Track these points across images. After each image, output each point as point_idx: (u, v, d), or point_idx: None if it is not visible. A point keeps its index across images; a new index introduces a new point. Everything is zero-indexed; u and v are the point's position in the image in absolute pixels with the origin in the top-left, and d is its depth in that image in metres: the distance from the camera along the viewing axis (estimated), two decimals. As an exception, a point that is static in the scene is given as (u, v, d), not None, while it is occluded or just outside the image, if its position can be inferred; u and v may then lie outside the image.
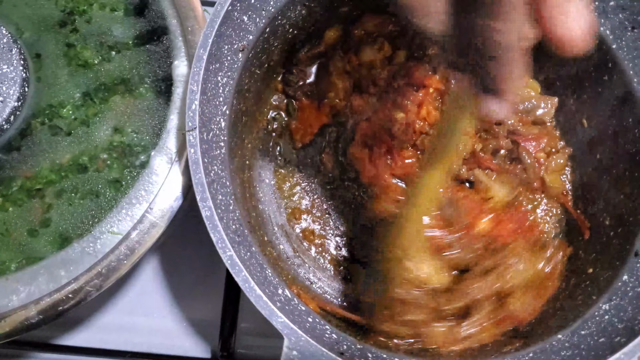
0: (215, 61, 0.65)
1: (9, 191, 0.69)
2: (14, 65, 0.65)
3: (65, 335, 0.86)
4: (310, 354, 0.56)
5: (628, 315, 0.63)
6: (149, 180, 0.66)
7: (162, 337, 0.86)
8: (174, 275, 0.90)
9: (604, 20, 0.74)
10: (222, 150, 0.66)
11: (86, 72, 0.71)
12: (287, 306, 0.60)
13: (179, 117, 0.68)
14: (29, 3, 0.72)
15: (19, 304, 0.62)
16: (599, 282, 0.70)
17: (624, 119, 0.75)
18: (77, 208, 0.67)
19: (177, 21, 0.71)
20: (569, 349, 0.63)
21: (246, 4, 0.68)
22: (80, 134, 0.70)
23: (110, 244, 0.64)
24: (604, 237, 0.75)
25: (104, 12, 0.73)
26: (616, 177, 0.76)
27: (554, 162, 0.82)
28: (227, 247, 0.57)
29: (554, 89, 0.84)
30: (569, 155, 0.82)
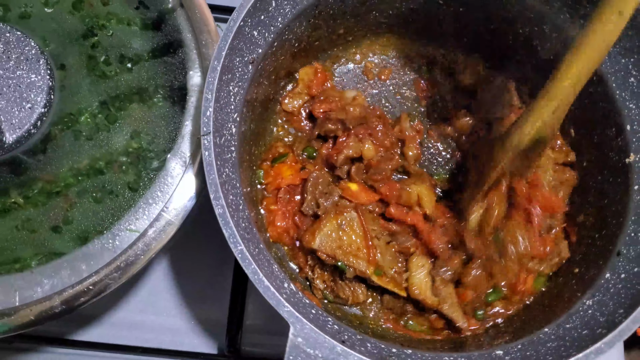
0: (228, 72, 0.70)
1: (30, 193, 0.74)
2: (41, 75, 0.70)
3: (80, 331, 0.90)
4: (313, 340, 0.60)
5: (609, 309, 0.68)
6: (165, 181, 0.71)
7: (171, 334, 0.91)
8: (183, 276, 0.94)
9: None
10: (232, 155, 0.71)
11: (106, 82, 0.76)
12: (292, 298, 0.65)
13: (192, 123, 0.73)
14: (55, 18, 0.77)
15: (43, 295, 0.66)
16: (584, 280, 0.75)
17: (607, 128, 0.80)
18: (97, 207, 0.72)
19: (191, 35, 0.77)
20: (555, 341, 0.67)
21: (256, 20, 0.73)
22: (100, 139, 0.75)
23: (128, 240, 0.69)
24: (590, 240, 0.80)
25: (122, 26, 0.79)
26: (601, 182, 0.81)
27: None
28: (238, 241, 0.62)
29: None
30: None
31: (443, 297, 0.77)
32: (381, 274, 0.77)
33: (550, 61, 0.83)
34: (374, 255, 0.77)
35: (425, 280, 0.78)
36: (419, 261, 0.79)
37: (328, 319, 0.66)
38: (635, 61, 0.76)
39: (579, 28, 0.78)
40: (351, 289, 0.80)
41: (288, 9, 0.77)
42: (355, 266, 0.76)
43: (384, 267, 0.77)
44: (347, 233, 0.77)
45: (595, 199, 0.82)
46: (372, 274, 0.76)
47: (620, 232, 0.74)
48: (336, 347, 0.60)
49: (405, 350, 0.67)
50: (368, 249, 0.77)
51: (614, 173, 0.79)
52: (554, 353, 0.65)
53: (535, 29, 0.83)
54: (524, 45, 0.86)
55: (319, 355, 0.60)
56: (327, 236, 0.77)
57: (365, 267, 0.76)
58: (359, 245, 0.78)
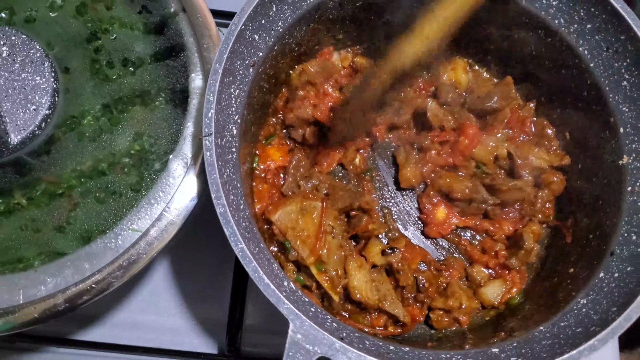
0: (229, 75, 0.72)
1: (34, 194, 0.75)
2: (45, 77, 0.71)
3: (82, 330, 0.91)
4: (313, 337, 0.61)
5: (603, 307, 0.69)
6: (167, 182, 0.73)
7: (172, 334, 0.92)
8: (184, 276, 0.95)
9: (582, 41, 0.81)
10: (233, 155, 0.72)
11: (109, 85, 0.78)
12: (292, 296, 0.66)
13: (194, 125, 0.75)
14: (59, 22, 0.79)
15: (47, 294, 0.68)
16: (579, 280, 0.76)
17: (601, 131, 0.81)
18: (100, 208, 0.73)
19: (193, 39, 0.79)
20: (549, 339, 0.69)
21: (257, 24, 0.75)
22: (103, 141, 0.76)
23: (130, 240, 0.70)
24: (584, 240, 0.82)
25: (125, 30, 0.81)
26: (595, 184, 0.83)
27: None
28: (239, 240, 0.63)
29: (542, 105, 0.91)
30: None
31: (382, 294, 0.79)
32: (322, 270, 0.78)
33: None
34: (320, 248, 0.78)
35: (365, 281, 0.79)
36: (355, 262, 0.80)
37: (327, 316, 0.68)
38: (628, 65, 0.78)
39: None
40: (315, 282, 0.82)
41: (288, 14, 0.78)
42: (298, 250, 0.78)
43: (327, 265, 0.79)
44: (305, 219, 0.79)
45: (590, 201, 0.83)
46: (313, 265, 0.78)
47: (614, 232, 0.76)
48: (335, 343, 0.61)
49: (403, 348, 0.68)
50: (317, 240, 0.78)
51: (607, 175, 0.81)
52: (548, 350, 0.66)
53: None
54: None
55: (317, 351, 0.61)
56: (287, 214, 0.79)
57: (307, 256, 0.77)
58: (310, 234, 0.79)
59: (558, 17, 0.81)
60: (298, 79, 0.89)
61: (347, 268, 0.80)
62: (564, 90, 0.86)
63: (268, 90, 0.85)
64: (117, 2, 0.81)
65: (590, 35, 0.80)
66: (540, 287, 0.84)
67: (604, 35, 0.79)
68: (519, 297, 0.84)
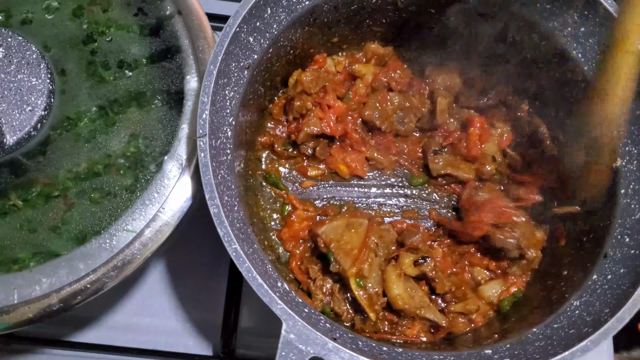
0: (224, 76, 0.73)
1: (29, 195, 0.76)
2: (42, 79, 0.72)
3: (77, 332, 0.92)
4: (305, 337, 0.62)
5: (596, 309, 0.70)
6: (161, 183, 0.73)
7: (167, 336, 0.92)
8: (179, 279, 0.96)
9: (576, 44, 0.81)
10: (228, 157, 0.73)
11: (105, 86, 0.79)
12: (286, 297, 0.66)
13: (189, 126, 0.76)
14: (56, 24, 0.80)
15: (42, 293, 0.68)
16: (572, 282, 0.77)
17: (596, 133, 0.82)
18: (95, 208, 0.74)
19: (189, 41, 0.80)
20: (542, 340, 0.69)
21: (252, 26, 0.76)
22: (99, 142, 0.77)
23: (125, 240, 0.71)
24: (578, 243, 0.82)
25: (121, 32, 0.82)
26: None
27: None
28: (233, 240, 0.64)
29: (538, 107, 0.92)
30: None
31: (418, 302, 0.80)
32: (361, 286, 0.79)
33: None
34: (362, 262, 0.79)
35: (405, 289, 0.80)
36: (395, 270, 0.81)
37: (320, 317, 0.68)
38: None
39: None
40: (346, 306, 0.82)
41: (283, 17, 0.79)
42: (340, 262, 0.79)
43: (367, 280, 0.79)
44: (351, 234, 0.81)
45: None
46: (353, 277, 0.78)
47: (608, 235, 0.77)
48: (328, 343, 0.62)
49: (396, 349, 0.68)
50: (360, 253, 0.79)
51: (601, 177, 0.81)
52: (541, 352, 0.66)
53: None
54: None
55: (310, 351, 0.61)
56: (333, 228, 0.82)
57: (349, 267, 0.78)
58: (354, 247, 0.80)
59: (552, 21, 0.82)
60: (293, 89, 0.90)
61: (386, 277, 0.80)
62: (558, 92, 0.86)
63: (263, 93, 0.85)
64: (113, 4, 0.82)
65: (584, 39, 0.81)
66: (534, 289, 0.84)
67: (598, 38, 0.80)
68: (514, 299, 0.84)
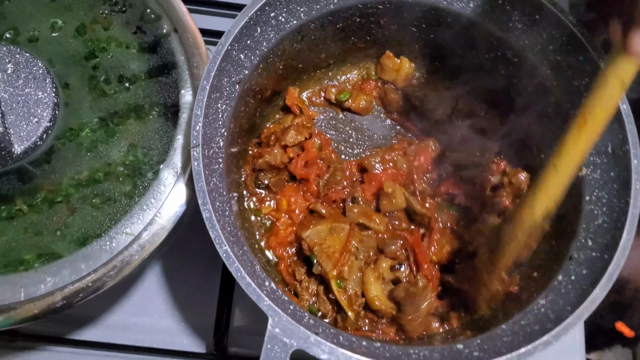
0: (216, 91, 0.78)
1: (34, 201, 0.81)
2: (47, 92, 0.77)
3: (78, 331, 0.96)
4: (290, 331, 0.67)
5: (559, 307, 0.75)
6: (158, 190, 0.79)
7: (162, 335, 0.96)
8: (175, 282, 1.00)
9: (545, 61, 0.87)
10: (220, 166, 0.78)
11: (106, 100, 0.84)
12: (272, 295, 0.71)
13: (184, 137, 0.81)
14: (60, 41, 0.85)
15: (46, 292, 0.73)
16: (540, 283, 0.82)
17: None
18: (96, 213, 0.79)
19: (184, 58, 0.85)
20: (510, 336, 0.74)
21: (243, 44, 0.81)
22: (100, 152, 0.82)
23: (124, 242, 0.76)
24: (548, 247, 0.87)
25: (121, 49, 0.87)
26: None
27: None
28: (223, 242, 0.69)
29: (511, 119, 0.97)
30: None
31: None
32: (342, 287, 0.84)
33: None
34: (343, 265, 0.84)
35: (382, 291, 0.85)
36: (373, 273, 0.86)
37: (304, 314, 0.73)
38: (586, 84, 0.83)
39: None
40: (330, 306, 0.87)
41: (272, 35, 0.85)
42: (322, 264, 0.84)
43: (347, 282, 0.85)
44: (333, 238, 0.86)
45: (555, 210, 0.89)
46: (334, 279, 0.84)
47: (573, 238, 0.81)
48: (310, 337, 0.67)
49: (375, 344, 0.73)
50: (341, 256, 0.85)
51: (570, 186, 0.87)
52: (508, 346, 0.71)
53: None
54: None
55: (294, 344, 0.66)
56: (317, 232, 0.87)
57: (330, 269, 0.84)
58: (335, 250, 0.85)
59: (523, 39, 0.88)
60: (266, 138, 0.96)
61: (364, 279, 0.86)
62: (530, 106, 0.92)
63: (254, 105, 0.91)
64: (113, 23, 0.87)
65: (552, 56, 0.87)
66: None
67: (565, 55, 0.85)
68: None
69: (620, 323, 1.42)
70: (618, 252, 0.74)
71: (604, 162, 0.82)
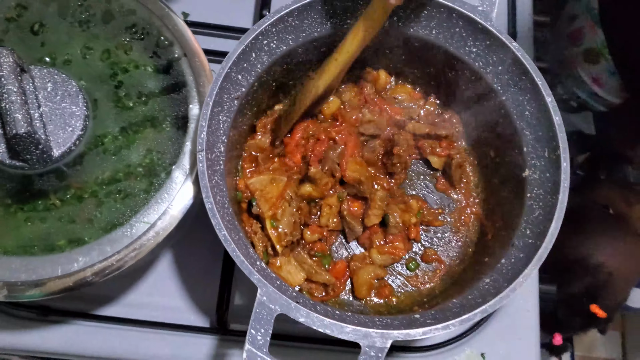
0: (218, 106, 0.92)
1: (65, 197, 0.94)
2: (79, 106, 0.90)
3: (101, 308, 1.08)
4: (275, 299, 0.80)
5: (499, 284, 0.88)
6: (170, 187, 0.92)
7: (172, 312, 1.08)
8: (183, 267, 1.12)
9: (496, 79, 1.02)
10: (221, 167, 0.92)
11: (127, 112, 0.97)
12: (262, 272, 0.84)
13: (192, 143, 0.94)
14: (90, 64, 0.98)
15: (78, 269, 0.87)
16: (488, 265, 0.96)
17: (513, 150, 1.03)
18: (119, 206, 0.92)
19: (192, 78, 0.96)
20: (458, 308, 0.87)
21: (240, 67, 0.95)
22: (122, 155, 0.94)
23: (142, 229, 0.89)
24: (499, 236, 1.02)
25: (140, 70, 0.99)
26: (507, 192, 1.04)
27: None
28: (222, 228, 0.83)
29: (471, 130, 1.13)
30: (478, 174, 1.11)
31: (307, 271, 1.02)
32: (274, 227, 0.99)
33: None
34: (277, 208, 0.99)
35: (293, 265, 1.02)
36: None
37: (288, 288, 0.87)
38: (528, 99, 0.97)
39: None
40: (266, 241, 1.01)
41: (265, 59, 0.98)
42: (260, 205, 0.99)
43: (279, 223, 0.99)
44: (273, 186, 1.01)
45: (504, 206, 1.04)
46: (269, 219, 0.98)
47: (516, 228, 0.94)
48: (291, 304, 0.80)
49: (347, 313, 0.88)
50: (277, 202, 1.00)
51: (515, 185, 1.00)
52: (454, 315, 0.85)
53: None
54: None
55: (278, 309, 0.79)
56: (260, 180, 1.01)
57: (266, 210, 0.99)
58: (273, 196, 1.00)
59: (478, 61, 1.03)
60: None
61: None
62: (485, 118, 1.07)
63: (250, 116, 1.04)
64: (133, 48, 0.98)
65: (502, 75, 1.00)
66: (463, 272, 1.04)
67: (511, 75, 0.99)
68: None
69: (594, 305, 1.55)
70: (547, 238, 0.88)
71: (542, 164, 0.96)
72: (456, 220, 1.13)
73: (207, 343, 1.06)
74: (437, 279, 1.06)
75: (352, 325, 0.81)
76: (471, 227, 1.12)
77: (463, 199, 1.13)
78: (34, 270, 0.87)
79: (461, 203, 1.13)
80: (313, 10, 0.97)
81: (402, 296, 1.05)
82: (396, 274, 1.07)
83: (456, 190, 1.13)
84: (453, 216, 1.12)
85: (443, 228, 1.11)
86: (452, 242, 1.11)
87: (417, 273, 1.08)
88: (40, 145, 0.83)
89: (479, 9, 0.98)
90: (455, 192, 1.13)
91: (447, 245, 1.11)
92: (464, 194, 1.13)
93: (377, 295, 1.04)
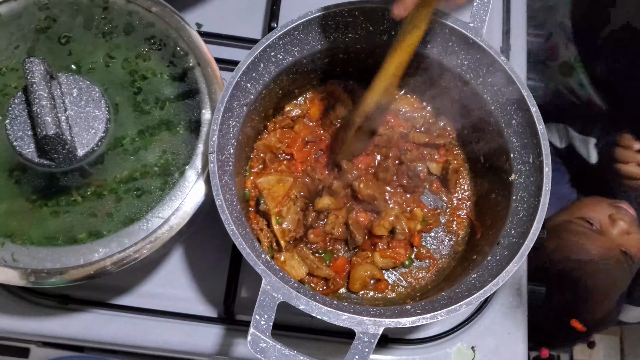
0: (228, 111, 0.98)
1: (86, 194, 1.01)
2: (102, 110, 0.93)
3: (117, 297, 1.15)
4: (277, 288, 0.87)
5: (485, 279, 0.94)
6: (183, 185, 1.00)
7: (183, 302, 1.15)
8: (193, 261, 1.19)
9: (485, 90, 1.09)
10: (230, 167, 0.99)
11: (145, 116, 1.04)
12: (267, 264, 0.91)
13: (204, 146, 1.01)
14: (111, 72, 1.05)
15: (99, 258, 0.95)
16: (476, 263, 1.03)
17: (501, 156, 1.10)
18: (136, 202, 0.99)
19: (205, 85, 1.02)
20: (446, 300, 0.94)
21: (249, 76, 1.02)
22: (139, 156, 1.01)
23: (157, 224, 0.97)
24: (487, 235, 1.09)
25: (157, 78, 1.06)
26: (496, 195, 1.11)
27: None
28: (231, 223, 0.91)
29: (464, 137, 1.20)
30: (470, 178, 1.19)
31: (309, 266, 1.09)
32: (279, 223, 1.06)
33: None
34: (282, 206, 1.07)
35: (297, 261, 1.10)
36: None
37: (291, 279, 0.95)
38: (515, 109, 1.04)
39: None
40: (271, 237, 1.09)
41: (272, 68, 1.05)
42: (267, 203, 1.06)
43: (284, 220, 1.06)
44: (279, 186, 1.09)
45: (493, 207, 1.11)
46: (274, 215, 1.05)
47: (502, 228, 1.01)
48: (292, 293, 0.87)
49: (343, 303, 0.95)
50: (282, 200, 1.07)
51: (503, 188, 1.08)
52: (442, 306, 0.92)
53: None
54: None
55: (280, 297, 0.86)
56: (267, 180, 1.09)
57: (272, 207, 1.06)
58: (280, 195, 1.08)
59: (469, 72, 1.10)
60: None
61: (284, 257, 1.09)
62: (476, 126, 1.15)
63: (258, 121, 1.12)
64: (152, 58, 1.04)
65: (491, 86, 1.07)
66: (455, 270, 1.11)
67: (499, 87, 1.06)
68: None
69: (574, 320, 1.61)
70: (529, 237, 0.94)
71: (526, 169, 1.03)
72: (449, 221, 1.20)
73: (215, 332, 1.12)
74: (429, 275, 1.13)
75: (347, 313, 0.88)
76: (462, 227, 1.19)
77: (456, 200, 1.21)
78: (58, 260, 0.95)
79: (453, 204, 1.21)
80: (317, 25, 1.03)
81: (397, 291, 1.12)
82: (392, 270, 1.15)
83: (449, 193, 1.20)
84: (446, 217, 1.20)
85: (437, 228, 1.18)
86: (444, 241, 1.18)
87: (411, 269, 1.15)
88: (66, 146, 0.89)
89: (470, 25, 1.05)
90: (447, 194, 1.21)
91: (440, 244, 1.18)
92: (457, 197, 1.20)
93: (373, 289, 1.12)
